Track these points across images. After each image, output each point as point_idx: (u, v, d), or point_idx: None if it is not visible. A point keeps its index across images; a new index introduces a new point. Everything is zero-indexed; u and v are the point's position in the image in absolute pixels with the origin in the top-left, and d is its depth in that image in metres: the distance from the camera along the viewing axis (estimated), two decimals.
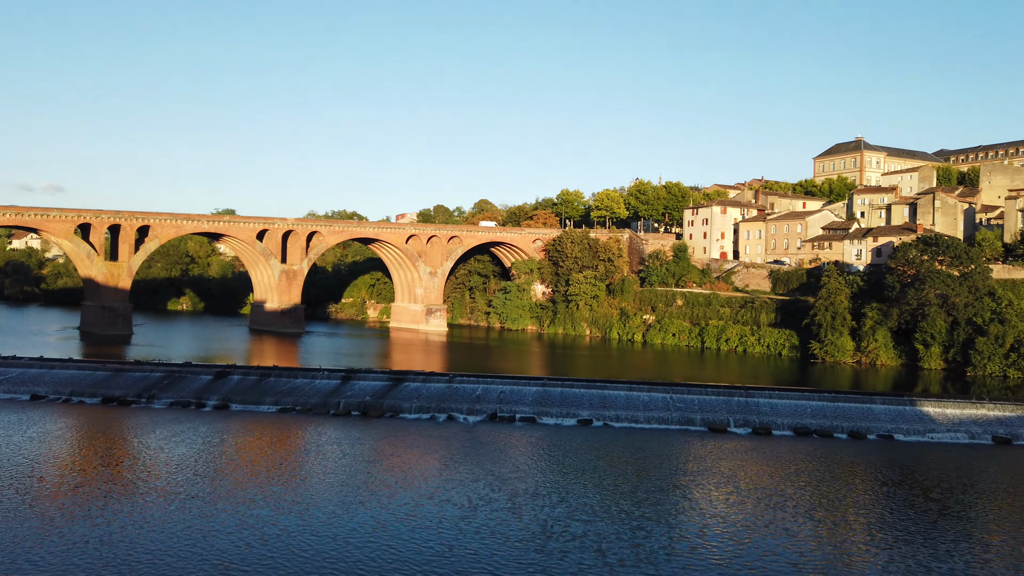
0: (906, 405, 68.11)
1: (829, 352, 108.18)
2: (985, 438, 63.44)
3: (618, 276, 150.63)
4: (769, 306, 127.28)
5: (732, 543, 37.31)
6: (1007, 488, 49.72)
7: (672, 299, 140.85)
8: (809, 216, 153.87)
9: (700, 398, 69.68)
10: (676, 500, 44.58)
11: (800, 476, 50.71)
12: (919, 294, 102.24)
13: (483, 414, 67.58)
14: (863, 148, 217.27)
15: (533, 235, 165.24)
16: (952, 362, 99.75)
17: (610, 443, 58.65)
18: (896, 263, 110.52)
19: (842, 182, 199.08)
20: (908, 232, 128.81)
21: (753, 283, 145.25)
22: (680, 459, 54.83)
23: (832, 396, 70.04)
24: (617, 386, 72.00)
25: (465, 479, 47.36)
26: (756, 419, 66.21)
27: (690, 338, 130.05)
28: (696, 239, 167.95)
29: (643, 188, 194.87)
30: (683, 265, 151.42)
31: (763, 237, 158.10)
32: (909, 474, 52.39)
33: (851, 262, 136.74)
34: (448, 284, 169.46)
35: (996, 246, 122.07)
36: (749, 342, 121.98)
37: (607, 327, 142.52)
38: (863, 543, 38.34)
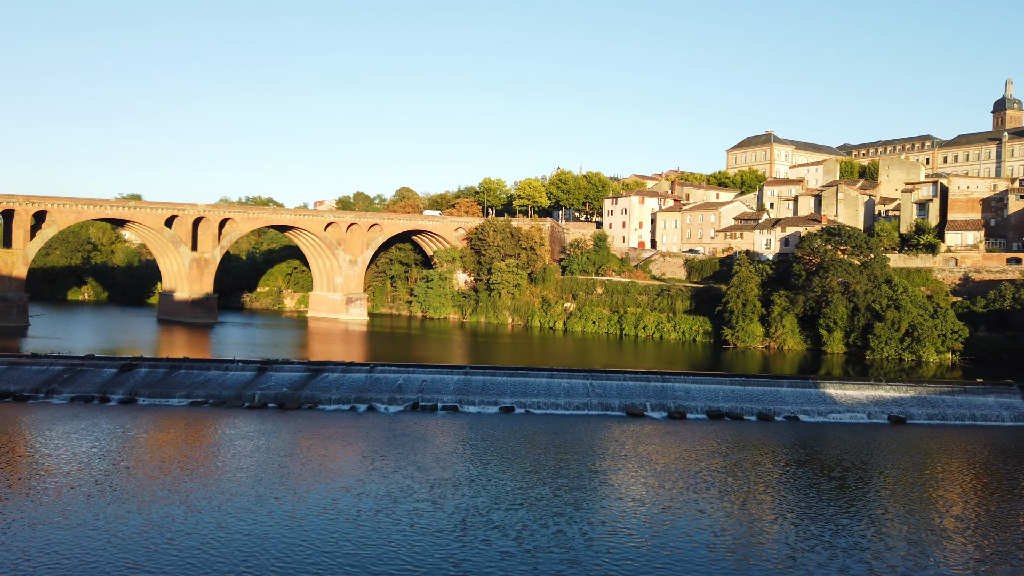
0: (811, 388, 71.54)
1: (740, 338, 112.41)
2: (882, 418, 67.35)
3: (540, 265, 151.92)
4: (684, 294, 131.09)
5: (649, 526, 38.29)
6: (902, 465, 52.92)
7: (592, 287, 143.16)
8: (722, 207, 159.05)
9: (618, 384, 71.20)
10: (595, 485, 45.41)
11: (713, 458, 52.52)
12: (823, 282, 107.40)
13: (405, 404, 67.00)
14: (773, 142, 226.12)
15: (456, 223, 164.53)
16: (853, 346, 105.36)
17: (531, 430, 59.20)
18: (802, 252, 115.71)
19: (753, 174, 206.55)
20: (814, 223, 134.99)
21: (670, 271, 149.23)
22: (599, 444, 55.86)
23: (743, 380, 72.85)
24: (538, 373, 72.69)
25: (385, 470, 46.84)
26: (672, 403, 68.19)
27: (609, 325, 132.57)
28: (616, 228, 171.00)
29: (564, 178, 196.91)
30: (603, 254, 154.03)
31: (679, 227, 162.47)
32: (813, 453, 55.06)
33: (761, 251, 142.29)
34: (369, 273, 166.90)
35: (893, 236, 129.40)
36: (665, 329, 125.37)
37: (529, 315, 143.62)
38: (772, 521, 40.05)
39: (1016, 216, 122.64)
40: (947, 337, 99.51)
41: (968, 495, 46.22)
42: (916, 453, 56.20)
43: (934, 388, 72.34)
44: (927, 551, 35.91)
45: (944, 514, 41.85)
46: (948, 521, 40.61)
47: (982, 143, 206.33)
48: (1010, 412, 67.99)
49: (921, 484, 48.22)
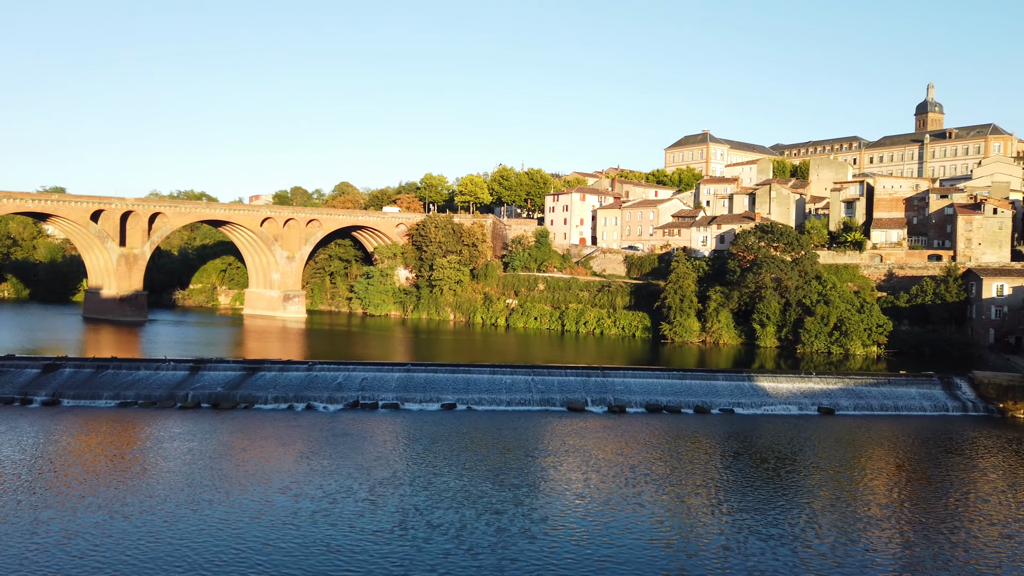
0: (745, 381, 73.52)
1: (678, 333, 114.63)
2: (812, 409, 69.68)
3: (482, 261, 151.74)
4: (624, 290, 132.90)
5: (590, 520, 38.67)
6: (831, 455, 54.87)
7: (534, 284, 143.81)
8: (661, 204, 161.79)
9: (560, 379, 71.73)
10: (537, 481, 45.62)
11: (652, 451, 53.42)
12: (757, 278, 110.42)
13: (344, 402, 66.03)
14: (709, 141, 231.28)
15: (397, 219, 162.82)
16: (785, 340, 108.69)
17: (473, 426, 59.10)
18: (737, 249, 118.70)
19: (690, 172, 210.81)
20: (748, 220, 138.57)
21: (610, 268, 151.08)
22: (541, 440, 56.16)
23: (680, 374, 74.34)
24: (480, 370, 72.64)
25: (324, 471, 46.03)
26: (612, 398, 69.09)
27: (551, 321, 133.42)
28: (557, 225, 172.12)
29: (506, 174, 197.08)
30: (545, 250, 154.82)
31: (619, 224, 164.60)
32: (748, 445, 56.58)
33: (698, 248, 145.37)
34: (307, 269, 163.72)
35: (823, 233, 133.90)
36: (606, 324, 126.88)
37: (471, 312, 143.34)
38: (708, 513, 40.96)
39: (936, 215, 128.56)
40: (873, 331, 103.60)
41: (892, 483, 48.22)
42: (844, 443, 58.35)
43: (860, 380, 75.23)
44: (855, 537, 37.32)
45: (871, 501, 43.57)
46: (874, 508, 42.29)
47: (906, 144, 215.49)
48: (931, 403, 71.25)
49: (849, 473, 50.06)
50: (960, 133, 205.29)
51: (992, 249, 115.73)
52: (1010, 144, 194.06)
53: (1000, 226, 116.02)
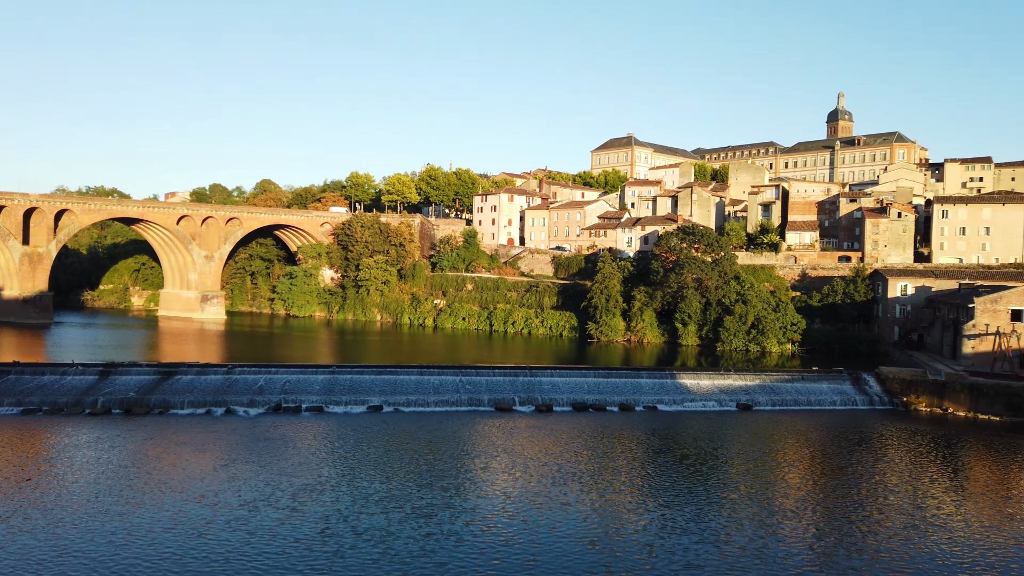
0: (667, 378, 75.28)
1: (604, 332, 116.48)
2: (731, 405, 71.97)
3: (409, 261, 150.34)
4: (552, 290, 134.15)
5: (518, 521, 38.69)
6: (749, 449, 56.75)
7: (462, 284, 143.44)
8: (587, 206, 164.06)
9: (488, 379, 71.71)
10: (464, 483, 45.40)
11: (578, 449, 54.00)
12: (679, 278, 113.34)
13: (266, 406, 64.19)
14: (633, 144, 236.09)
15: (321, 218, 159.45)
16: (706, 338, 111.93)
17: (400, 428, 58.40)
18: (660, 250, 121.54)
19: (616, 174, 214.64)
20: (671, 222, 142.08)
21: (538, 268, 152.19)
22: (468, 440, 55.97)
23: (606, 373, 75.53)
24: (408, 371, 71.92)
25: (244, 477, 44.55)
26: (539, 397, 69.56)
27: (479, 321, 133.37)
28: (485, 225, 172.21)
29: (434, 174, 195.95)
30: (473, 250, 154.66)
31: (547, 224, 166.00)
32: (670, 441, 57.92)
33: (623, 249, 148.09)
34: (227, 269, 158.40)
35: (741, 235, 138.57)
36: (534, 324, 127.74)
37: (398, 312, 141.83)
38: (633, 510, 41.66)
39: (846, 218, 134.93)
40: (787, 329, 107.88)
41: (807, 474, 50.25)
42: (761, 437, 60.46)
43: (776, 376, 78.18)
44: (773, 530, 38.67)
45: (787, 494, 45.27)
46: (790, 500, 43.96)
47: (818, 150, 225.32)
48: (841, 397, 74.69)
49: (766, 467, 51.90)
50: (868, 140, 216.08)
51: (897, 251, 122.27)
52: (913, 151, 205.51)
53: (904, 229, 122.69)
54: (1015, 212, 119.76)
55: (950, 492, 46.53)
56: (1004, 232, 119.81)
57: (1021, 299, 78.70)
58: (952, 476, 50.63)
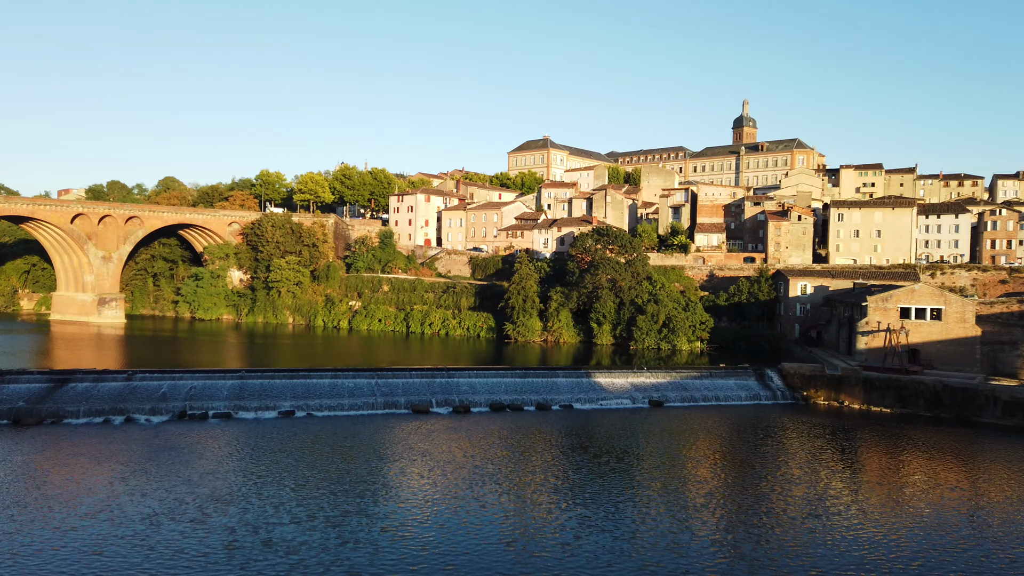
0: (583, 377, 76.42)
1: (521, 332, 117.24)
2: (644, 402, 73.71)
3: (323, 262, 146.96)
4: (469, 291, 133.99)
5: (435, 525, 38.23)
6: (661, 445, 58.19)
7: (378, 285, 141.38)
8: (504, 207, 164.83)
9: (404, 381, 70.87)
10: (380, 487, 44.59)
11: (495, 450, 54.02)
12: (594, 279, 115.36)
13: (169, 413, 61.33)
14: (549, 146, 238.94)
15: (229, 217, 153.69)
16: (620, 338, 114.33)
17: (313, 433, 56.89)
18: (576, 251, 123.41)
19: (532, 176, 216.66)
20: (586, 223, 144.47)
21: (455, 269, 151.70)
22: (385, 444, 55.07)
23: (523, 373, 75.98)
24: (322, 374, 70.21)
25: (144, 489, 42.29)
26: (457, 398, 69.27)
27: (396, 323, 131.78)
28: (402, 226, 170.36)
29: (349, 173, 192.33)
30: (389, 251, 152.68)
31: (464, 225, 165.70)
32: (585, 439, 58.74)
33: (540, 250, 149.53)
34: (127, 271, 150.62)
35: (653, 237, 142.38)
36: (451, 325, 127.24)
37: (312, 314, 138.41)
38: (549, 509, 41.93)
39: (751, 220, 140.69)
40: (697, 328, 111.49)
41: (715, 468, 51.94)
42: (673, 433, 62.16)
43: (686, 374, 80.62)
44: (685, 524, 39.74)
45: (697, 488, 46.65)
46: (701, 494, 45.29)
47: (724, 155, 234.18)
48: (746, 392, 77.73)
49: (677, 462, 53.35)
50: (770, 146, 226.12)
51: (797, 252, 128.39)
52: (812, 157, 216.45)
53: (804, 231, 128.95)
54: (903, 216, 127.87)
55: (847, 482, 49.10)
56: (893, 234, 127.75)
57: (909, 298, 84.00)
58: (849, 466, 53.46)
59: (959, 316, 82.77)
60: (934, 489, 47.37)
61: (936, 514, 42.18)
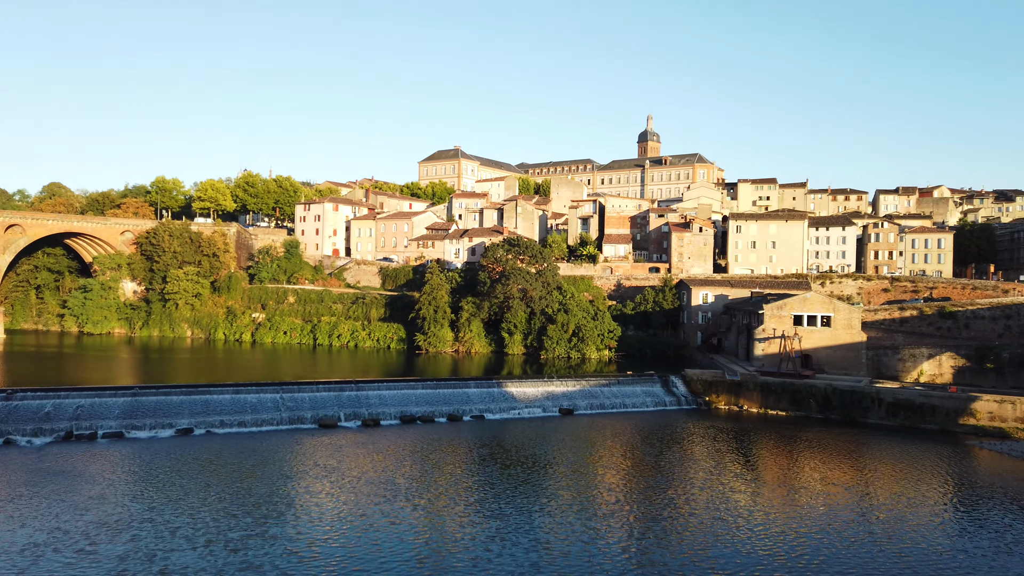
0: (494, 387, 76.53)
1: (432, 343, 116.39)
2: (554, 410, 74.47)
3: (224, 272, 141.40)
4: (379, 302, 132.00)
5: (342, 546, 37.07)
6: (571, 453, 58.85)
7: (284, 296, 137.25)
8: (415, 217, 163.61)
9: (311, 395, 68.95)
10: (285, 507, 43.00)
11: (405, 463, 53.19)
12: (505, 288, 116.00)
13: (54, 434, 57.35)
14: (460, 157, 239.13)
15: (122, 226, 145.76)
16: (531, 347, 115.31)
17: (213, 452, 54.38)
18: (487, 261, 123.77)
19: (443, 186, 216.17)
20: (497, 234, 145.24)
21: (364, 279, 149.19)
22: (289, 461, 53.26)
23: (434, 384, 75.36)
24: (222, 390, 67.36)
25: (23, 517, 39.21)
26: (366, 411, 67.94)
27: (302, 335, 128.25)
28: (309, 235, 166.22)
29: (252, 180, 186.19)
30: (295, 261, 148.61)
31: (374, 235, 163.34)
32: (496, 449, 58.73)
33: (451, 260, 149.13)
34: (6, 282, 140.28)
35: (563, 247, 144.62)
36: (360, 337, 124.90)
37: (212, 327, 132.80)
38: (461, 522, 41.55)
39: (655, 232, 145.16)
40: (605, 336, 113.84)
41: (623, 475, 52.92)
42: (582, 440, 63.03)
43: (595, 382, 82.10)
44: (596, 531, 40.22)
45: (607, 495, 47.37)
46: (610, 502, 45.98)
47: (630, 168, 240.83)
48: (652, 398, 79.84)
49: (587, 470, 54.05)
50: (673, 160, 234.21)
51: (699, 262, 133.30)
52: (712, 172, 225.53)
53: (705, 242, 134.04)
54: (796, 228, 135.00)
55: (748, 484, 51.07)
56: (787, 245, 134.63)
57: (801, 306, 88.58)
58: (749, 469, 55.65)
59: (847, 323, 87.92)
60: (827, 488, 49.92)
61: (830, 513, 44.43)
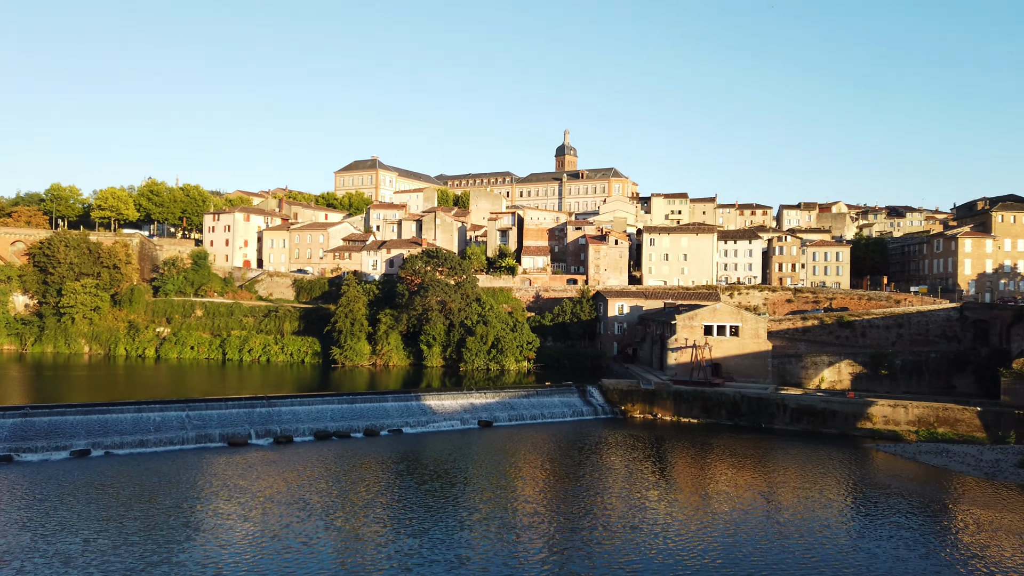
0: (412, 400, 75.57)
1: (349, 357, 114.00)
2: (473, 423, 74.12)
3: (126, 285, 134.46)
4: (293, 315, 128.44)
5: (254, 571, 35.48)
6: (489, 465, 58.63)
7: (191, 309, 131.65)
8: (331, 227, 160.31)
9: (219, 412, 66.22)
10: (190, 532, 40.88)
11: (320, 481, 51.67)
12: (424, 300, 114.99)
13: None
14: (378, 167, 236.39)
15: (13, 235, 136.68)
16: (450, 359, 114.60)
17: (112, 475, 51.31)
18: (405, 273, 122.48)
19: (360, 197, 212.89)
20: (416, 245, 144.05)
21: (277, 292, 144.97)
22: (195, 482, 50.80)
23: (350, 398, 73.70)
24: (123, 408, 63.80)
25: None
26: (278, 428, 65.76)
27: (211, 350, 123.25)
28: (218, 246, 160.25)
29: (157, 189, 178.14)
30: (203, 273, 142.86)
31: (287, 246, 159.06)
32: (415, 463, 57.88)
33: (369, 272, 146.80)
34: None
35: (482, 259, 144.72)
36: (273, 351, 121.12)
37: (112, 343, 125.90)
38: (377, 540, 40.56)
39: (573, 244, 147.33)
40: (524, 347, 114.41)
41: (542, 486, 53.08)
42: (501, 453, 62.91)
43: (513, 393, 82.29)
44: (514, 544, 40.06)
45: (526, 507, 47.35)
46: (529, 514, 45.97)
47: (548, 181, 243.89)
48: (570, 409, 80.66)
49: (506, 482, 53.92)
50: (590, 174, 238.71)
51: (615, 274, 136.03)
52: (626, 186, 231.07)
53: (620, 255, 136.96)
54: (706, 241, 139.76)
55: (662, 490, 52.14)
56: (698, 258, 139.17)
57: (712, 316, 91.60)
58: (663, 476, 56.86)
59: (754, 332, 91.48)
60: (737, 493, 51.53)
61: (741, 516, 45.84)
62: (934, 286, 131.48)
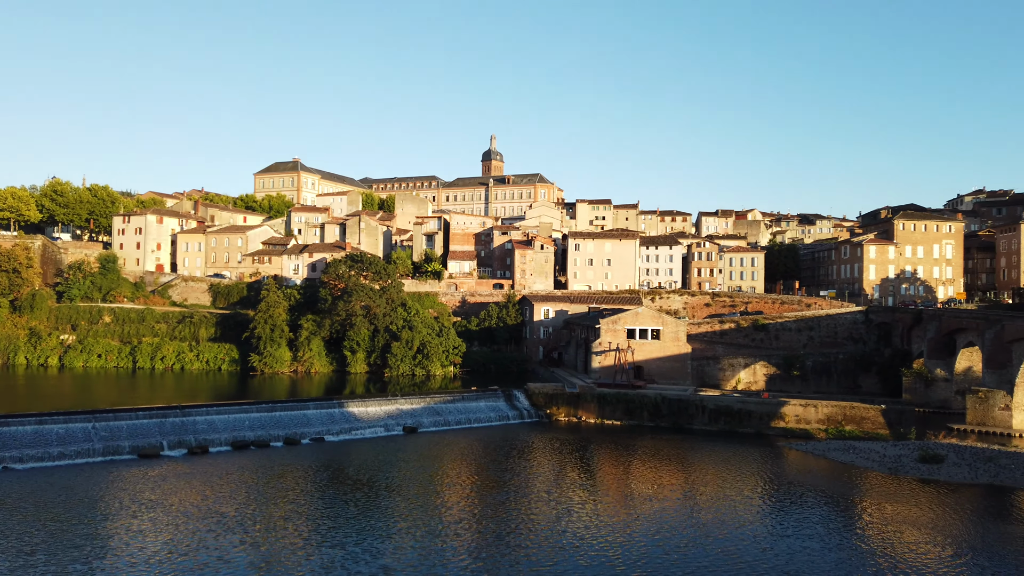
0: (335, 408, 73.98)
1: (268, 363, 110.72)
2: (398, 429, 73.13)
3: (27, 290, 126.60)
4: (209, 320, 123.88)
5: None
6: (415, 472, 57.87)
7: (98, 316, 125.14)
8: (250, 231, 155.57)
9: (129, 423, 63.14)
10: (96, 550, 38.60)
11: (237, 493, 49.83)
12: (347, 306, 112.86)
13: None
14: (300, 169, 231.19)
15: None
16: (374, 365, 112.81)
17: (10, 491, 48.03)
18: (329, 277, 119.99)
19: (281, 199, 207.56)
20: (339, 249, 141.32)
21: (192, 297, 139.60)
22: (102, 497, 48.12)
23: (269, 406, 71.52)
24: (22, 420, 60.06)
25: None
26: (192, 438, 63.19)
27: (120, 358, 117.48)
28: (129, 249, 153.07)
29: (61, 189, 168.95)
30: (112, 278, 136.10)
31: (203, 250, 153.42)
32: (337, 472, 56.58)
33: (290, 276, 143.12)
34: None
35: (408, 264, 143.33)
36: (187, 359, 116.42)
37: (11, 351, 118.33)
38: (298, 554, 39.31)
39: (499, 249, 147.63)
40: (450, 352, 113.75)
41: (468, 492, 52.76)
42: (426, 459, 62.26)
43: (439, 398, 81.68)
44: (440, 553, 39.61)
45: (451, 514, 46.94)
46: (454, 521, 45.59)
47: (474, 186, 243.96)
48: (496, 413, 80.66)
49: (431, 489, 53.36)
50: (516, 180, 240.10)
51: (541, 279, 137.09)
52: (552, 191, 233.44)
53: (546, 259, 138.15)
54: (629, 246, 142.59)
55: (587, 492, 52.68)
56: (621, 263, 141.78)
57: (634, 320, 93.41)
58: (588, 478, 57.49)
59: (674, 335, 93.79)
60: (659, 493, 52.59)
61: (663, 516, 46.76)
62: (842, 290, 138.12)
